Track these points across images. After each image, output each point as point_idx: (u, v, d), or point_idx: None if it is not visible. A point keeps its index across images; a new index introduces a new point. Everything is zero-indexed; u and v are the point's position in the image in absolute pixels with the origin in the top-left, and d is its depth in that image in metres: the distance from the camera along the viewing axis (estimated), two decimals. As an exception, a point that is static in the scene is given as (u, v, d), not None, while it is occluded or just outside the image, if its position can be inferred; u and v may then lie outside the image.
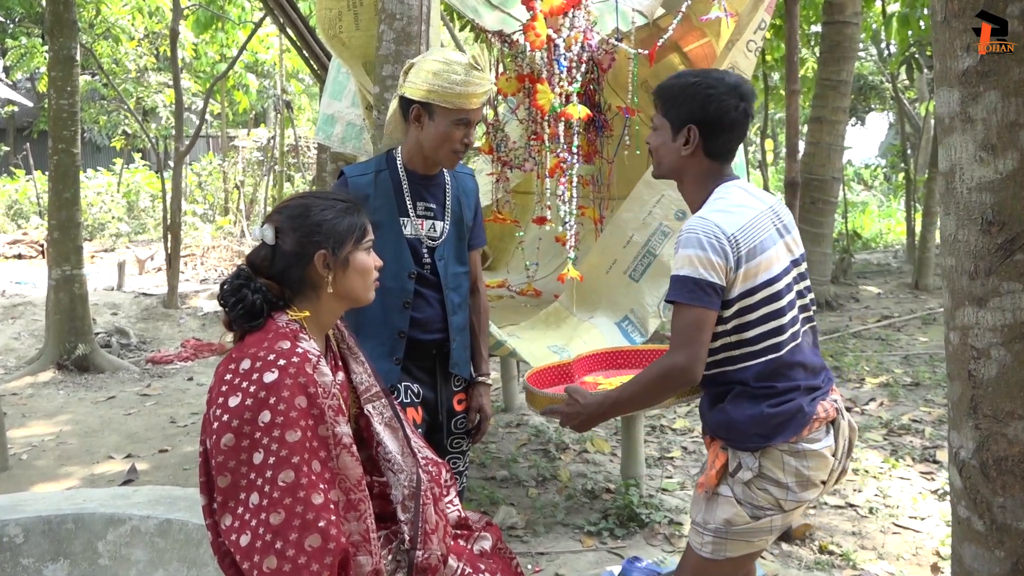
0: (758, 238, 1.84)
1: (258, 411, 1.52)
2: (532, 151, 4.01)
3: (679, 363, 1.79)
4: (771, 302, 1.83)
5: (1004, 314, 1.32)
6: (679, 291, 1.79)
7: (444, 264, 2.39)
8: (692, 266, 1.77)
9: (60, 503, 2.38)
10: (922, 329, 7.43)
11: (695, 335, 1.78)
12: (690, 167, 1.94)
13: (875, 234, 14.47)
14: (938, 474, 3.98)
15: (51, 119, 6.29)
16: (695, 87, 1.88)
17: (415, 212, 2.37)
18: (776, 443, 1.82)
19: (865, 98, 15.92)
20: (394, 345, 2.35)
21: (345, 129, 3.93)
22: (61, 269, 6.23)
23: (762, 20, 3.53)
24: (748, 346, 1.84)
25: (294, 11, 6.45)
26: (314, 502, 1.50)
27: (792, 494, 1.83)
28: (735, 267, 1.79)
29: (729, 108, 1.87)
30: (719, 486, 1.88)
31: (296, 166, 15.81)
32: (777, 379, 1.84)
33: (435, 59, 2.26)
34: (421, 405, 2.40)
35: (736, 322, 1.83)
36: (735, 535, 1.86)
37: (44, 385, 5.94)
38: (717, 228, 1.80)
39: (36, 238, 12.59)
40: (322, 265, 1.69)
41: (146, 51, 14.38)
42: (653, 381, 1.83)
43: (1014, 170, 1.28)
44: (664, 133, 1.94)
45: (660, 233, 3.55)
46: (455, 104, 2.24)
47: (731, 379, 1.86)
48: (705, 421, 1.97)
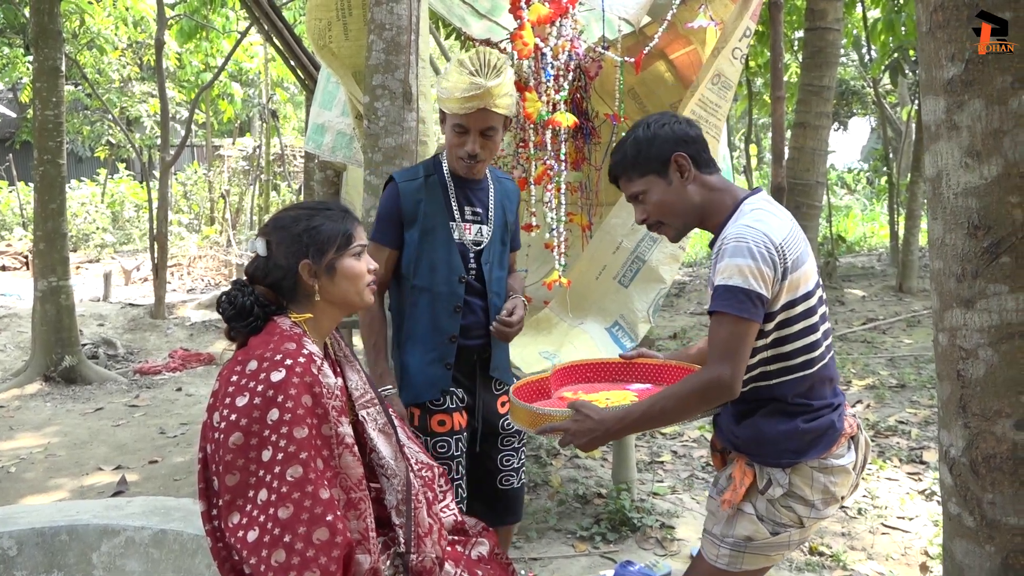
0: (799, 249, 1.80)
1: (267, 409, 1.55)
2: (520, 159, 4.03)
3: (724, 377, 1.69)
4: (807, 316, 1.80)
5: (991, 315, 1.35)
6: (727, 301, 1.70)
7: (489, 268, 2.40)
8: (742, 276, 1.69)
9: (53, 515, 2.37)
10: (907, 331, 7.50)
11: (739, 348, 1.70)
12: (700, 193, 1.89)
13: (859, 237, 14.59)
14: (925, 474, 4.03)
15: (36, 130, 6.25)
16: (645, 133, 1.89)
17: (463, 217, 2.38)
18: (808, 459, 1.80)
19: (847, 103, 16.07)
20: (446, 350, 2.36)
21: (335, 138, 3.94)
22: (47, 280, 6.20)
23: (747, 27, 3.57)
24: (784, 361, 1.80)
25: (280, 20, 6.45)
26: (322, 497, 1.53)
27: (815, 511, 1.82)
28: (781, 278, 1.74)
29: (676, 125, 1.89)
30: (742, 502, 1.85)
31: (282, 175, 15.77)
32: (811, 395, 1.82)
33: (455, 62, 2.24)
34: (465, 410, 2.42)
35: (776, 335, 1.78)
36: (753, 550, 1.84)
37: (31, 397, 5.89)
38: (766, 237, 1.73)
39: (20, 249, 12.49)
40: (308, 274, 1.73)
41: (130, 61, 14.31)
42: (692, 395, 1.73)
43: (998, 176, 1.31)
44: (655, 189, 1.89)
45: (649, 239, 3.57)
46: (450, 109, 2.25)
47: (765, 395, 1.82)
48: (728, 436, 1.92)
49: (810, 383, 1.82)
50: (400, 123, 2.88)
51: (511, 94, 2.29)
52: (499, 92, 2.22)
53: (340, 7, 3.22)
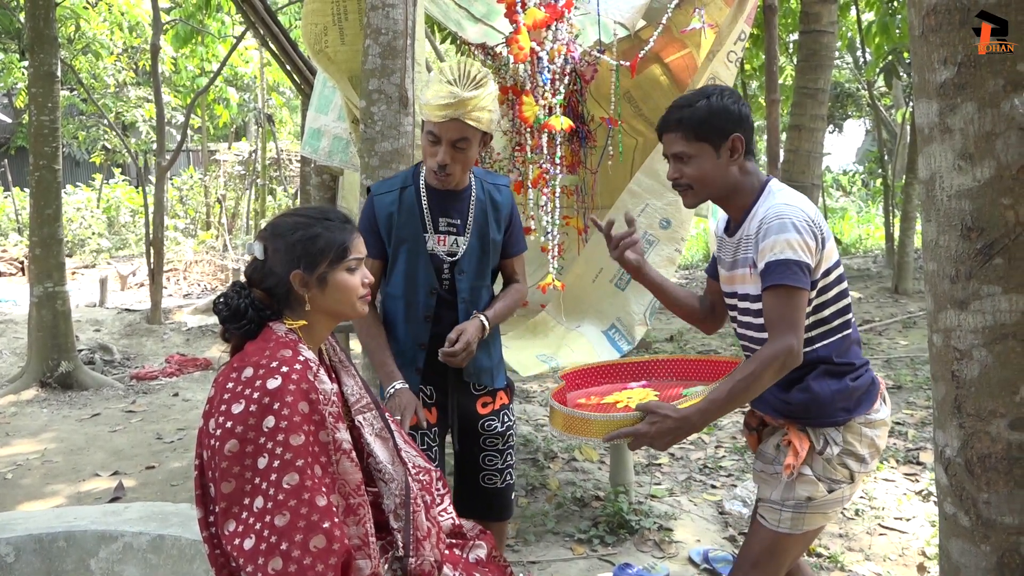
0: (825, 224, 1.92)
1: (262, 417, 1.54)
2: (516, 162, 4.04)
3: (793, 346, 1.80)
4: (840, 283, 1.94)
5: (984, 316, 1.36)
6: (783, 274, 1.80)
7: (463, 279, 2.41)
8: (792, 249, 1.81)
9: (51, 521, 2.37)
10: (903, 333, 7.52)
11: (799, 317, 1.82)
12: (737, 176, 1.97)
13: (855, 239, 14.62)
14: (922, 475, 4.04)
15: (32, 136, 6.24)
16: (718, 103, 1.93)
17: (436, 228, 2.39)
18: (856, 416, 1.93)
19: (842, 105, 16.13)
20: (416, 355, 2.43)
21: (332, 143, 3.94)
22: (43, 286, 6.19)
23: (742, 31, 3.59)
24: (824, 324, 1.93)
25: (276, 24, 6.45)
26: (318, 504, 1.53)
27: (865, 465, 1.96)
28: (821, 248, 1.87)
29: (744, 106, 1.96)
30: (801, 466, 1.94)
31: (278, 179, 15.77)
32: (850, 355, 1.96)
33: (436, 70, 2.24)
34: (436, 406, 2.48)
35: (817, 301, 1.90)
36: (813, 509, 1.95)
37: (27, 403, 5.88)
38: (803, 212, 1.86)
39: (16, 255, 12.47)
40: (299, 284, 1.72)
41: (125, 66, 14.30)
42: (768, 370, 1.81)
43: (991, 178, 1.32)
44: (704, 158, 1.95)
45: (645, 242, 3.58)
46: (426, 116, 2.24)
47: (811, 359, 1.91)
48: (777, 406, 1.99)
49: (848, 344, 1.96)
50: (396, 127, 2.89)
51: (490, 110, 2.25)
52: (475, 104, 2.19)
53: (336, 12, 3.22)
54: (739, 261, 2.00)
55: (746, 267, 1.96)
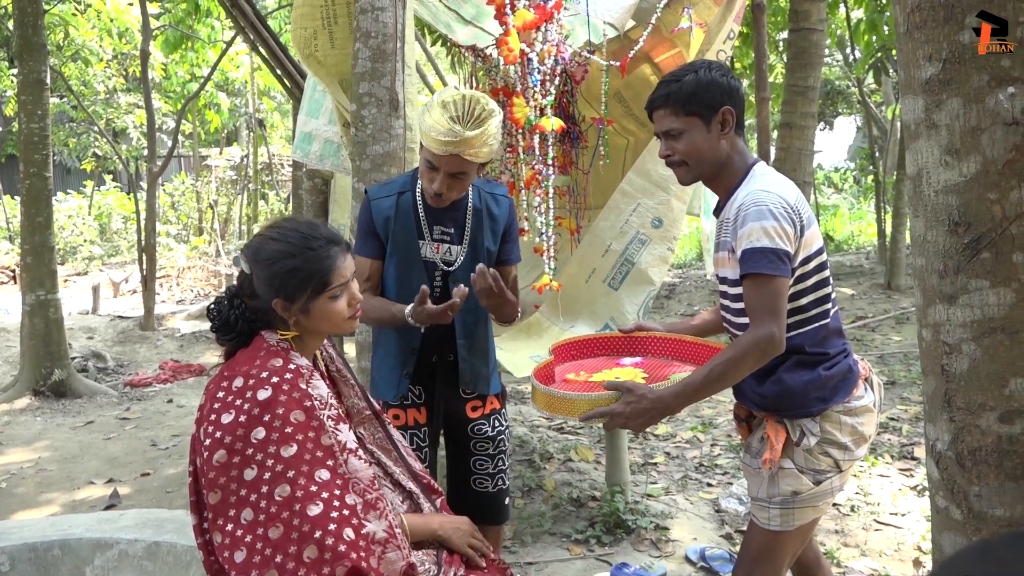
0: (807, 210, 1.90)
1: (251, 428, 1.53)
2: (508, 164, 4.05)
3: (774, 334, 1.79)
4: (820, 271, 1.92)
5: (973, 310, 1.37)
6: (759, 262, 1.79)
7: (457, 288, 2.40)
8: (768, 236, 1.79)
9: (46, 529, 2.36)
10: (896, 328, 7.55)
11: (779, 304, 1.80)
12: (728, 151, 1.96)
13: (847, 236, 14.67)
14: (917, 470, 4.05)
15: (22, 143, 6.22)
16: (706, 76, 1.92)
17: (431, 236, 2.39)
18: (834, 405, 1.91)
19: (833, 103, 16.15)
20: (406, 359, 2.43)
21: (323, 147, 3.95)
22: (35, 294, 6.17)
23: (731, 30, 3.60)
24: (801, 313, 1.90)
25: (265, 29, 6.45)
26: (310, 514, 1.51)
27: (849, 453, 1.93)
28: (799, 235, 1.85)
29: (733, 79, 1.95)
30: (781, 459, 1.93)
31: (270, 184, 15.74)
32: (825, 345, 1.93)
33: (440, 99, 2.19)
34: (425, 406, 2.48)
35: (794, 289, 1.88)
36: (802, 502, 1.93)
37: (21, 412, 5.86)
38: (782, 199, 1.84)
39: (7, 263, 12.42)
40: (281, 310, 1.69)
41: (115, 72, 14.25)
42: (747, 357, 1.80)
43: (977, 172, 1.33)
44: (694, 132, 1.94)
45: (637, 241, 3.60)
46: (425, 142, 2.22)
47: (785, 348, 1.88)
48: (753, 398, 1.99)
49: (824, 333, 1.93)
50: (387, 130, 2.89)
51: (490, 143, 2.22)
52: (477, 142, 2.17)
53: (325, 16, 3.23)
54: (720, 244, 1.99)
55: (725, 251, 1.95)
